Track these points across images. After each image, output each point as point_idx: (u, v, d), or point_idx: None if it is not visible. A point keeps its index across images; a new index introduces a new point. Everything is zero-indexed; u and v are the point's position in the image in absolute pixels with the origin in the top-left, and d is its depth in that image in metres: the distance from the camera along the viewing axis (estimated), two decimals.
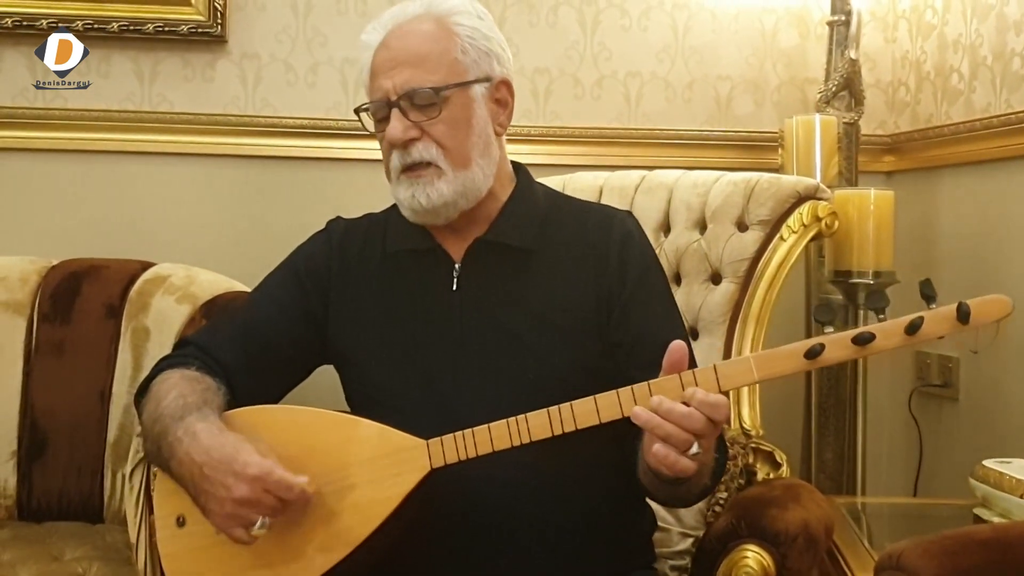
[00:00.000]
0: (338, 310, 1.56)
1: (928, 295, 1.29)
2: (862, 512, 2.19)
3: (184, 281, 2.22)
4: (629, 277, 1.51)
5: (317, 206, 1.65)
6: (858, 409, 2.43)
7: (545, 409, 1.32)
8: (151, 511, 1.77)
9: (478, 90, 1.49)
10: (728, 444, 1.76)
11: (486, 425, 1.33)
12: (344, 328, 1.55)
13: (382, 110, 1.48)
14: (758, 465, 1.92)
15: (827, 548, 1.72)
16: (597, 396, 1.30)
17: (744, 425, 1.96)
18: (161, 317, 2.16)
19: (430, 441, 1.35)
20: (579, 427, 1.31)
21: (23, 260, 2.30)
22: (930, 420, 2.57)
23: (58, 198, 2.54)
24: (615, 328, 1.50)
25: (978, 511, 1.92)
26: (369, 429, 1.38)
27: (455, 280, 1.51)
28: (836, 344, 1.28)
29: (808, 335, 2.55)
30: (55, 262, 2.31)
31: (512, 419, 1.32)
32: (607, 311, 1.50)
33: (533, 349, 1.47)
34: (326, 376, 1.63)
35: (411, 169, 1.46)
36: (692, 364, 1.52)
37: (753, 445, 1.93)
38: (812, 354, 1.27)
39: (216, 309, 2.12)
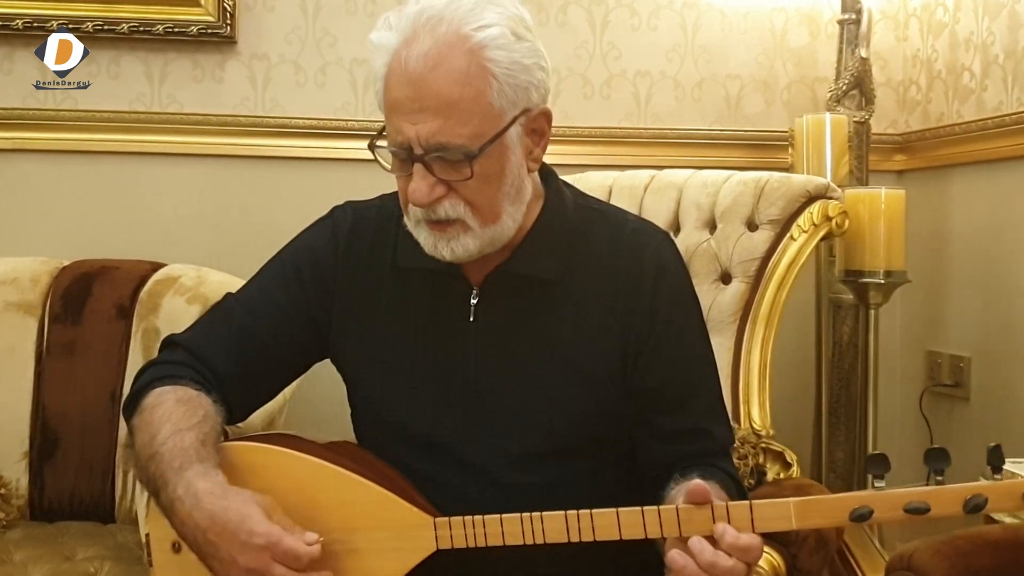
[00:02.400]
0: (342, 315, 1.43)
1: (994, 465, 1.17)
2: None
3: (194, 282, 2.22)
4: (660, 318, 1.37)
5: (327, 206, 1.62)
6: (869, 409, 2.42)
7: (563, 513, 1.23)
8: None
9: (513, 132, 1.29)
10: (739, 443, 1.75)
11: (499, 516, 1.25)
12: (347, 336, 1.44)
13: (401, 153, 1.27)
14: (768, 465, 1.92)
15: (838, 548, 1.71)
16: (620, 511, 1.22)
17: (754, 425, 1.96)
18: (172, 318, 2.16)
19: (438, 520, 1.27)
20: (597, 539, 1.23)
21: (34, 261, 2.31)
22: (941, 420, 2.56)
23: (69, 199, 2.55)
24: (642, 374, 1.37)
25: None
26: (376, 496, 1.30)
27: (472, 310, 1.37)
28: (886, 507, 1.16)
29: (818, 336, 2.54)
30: (66, 263, 2.31)
31: (527, 516, 1.24)
32: (633, 356, 1.37)
33: (551, 394, 1.36)
34: (326, 376, 1.56)
35: (433, 224, 1.29)
36: (716, 391, 1.44)
37: (763, 445, 1.93)
38: (859, 517, 1.16)
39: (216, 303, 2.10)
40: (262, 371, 1.45)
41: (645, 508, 1.21)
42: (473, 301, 1.37)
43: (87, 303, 2.22)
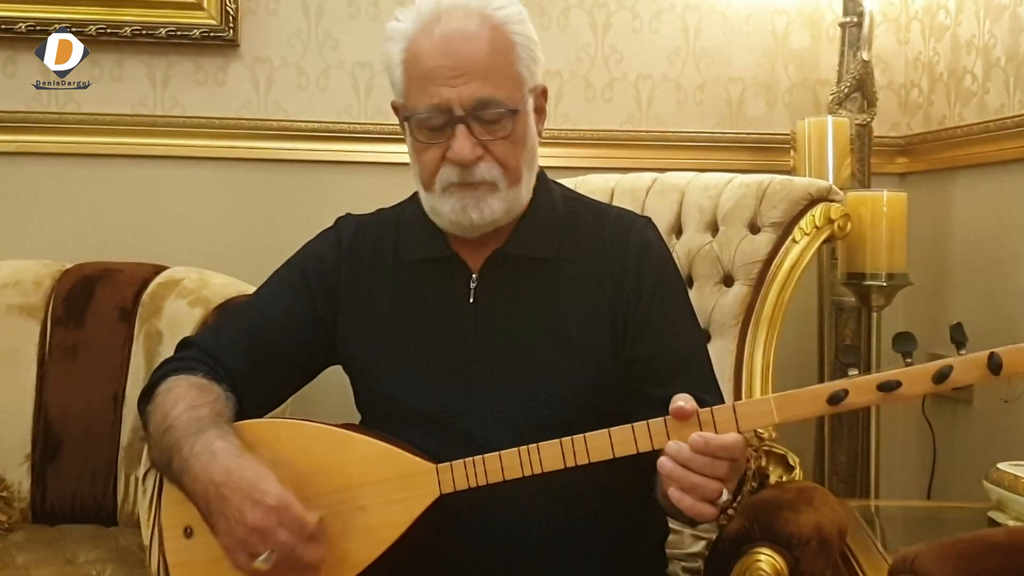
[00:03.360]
0: (347, 316, 1.51)
1: (958, 340, 1.24)
2: (876, 515, 2.18)
3: (197, 284, 2.23)
4: (645, 290, 1.46)
5: (329, 209, 1.63)
6: (872, 412, 2.42)
7: (558, 440, 1.29)
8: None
9: (530, 102, 1.43)
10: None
11: (497, 453, 1.31)
12: (353, 335, 1.51)
13: (438, 118, 1.37)
14: (771, 468, 1.91)
15: (840, 551, 1.71)
16: (611, 430, 1.28)
17: (757, 428, 1.95)
18: (174, 320, 2.17)
19: (440, 466, 1.33)
20: (592, 460, 1.28)
21: (37, 264, 2.31)
22: (944, 423, 2.56)
23: (71, 202, 2.55)
24: (631, 344, 1.46)
25: (992, 514, 1.91)
26: (378, 449, 1.36)
27: (472, 292, 1.46)
28: (860, 389, 1.24)
29: (820, 339, 2.55)
30: (68, 266, 2.32)
31: (524, 448, 1.30)
32: (623, 326, 1.46)
33: (548, 366, 1.43)
34: (334, 378, 1.61)
35: (467, 186, 1.39)
36: (710, 375, 1.51)
37: (766, 448, 1.93)
38: (835, 399, 1.24)
39: (228, 308, 2.12)
40: (272, 369, 1.51)
41: (635, 424, 1.27)
42: (473, 284, 1.46)
43: (89, 306, 2.23)
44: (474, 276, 1.47)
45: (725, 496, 1.22)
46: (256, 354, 1.50)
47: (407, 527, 1.33)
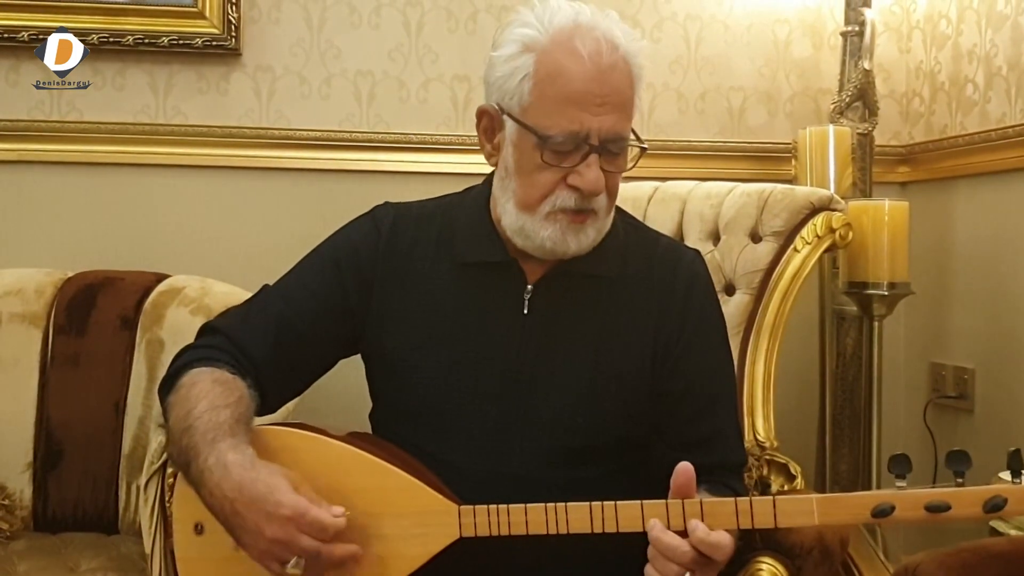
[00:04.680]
0: (381, 311, 1.47)
1: (1015, 468, 1.20)
2: (877, 524, 2.17)
3: (198, 293, 2.23)
4: (688, 324, 1.45)
5: (331, 218, 1.63)
6: (873, 421, 2.42)
7: (587, 504, 1.26)
8: (166, 522, 1.78)
9: None
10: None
11: (523, 506, 1.28)
12: (386, 329, 1.46)
13: (570, 143, 1.33)
14: (772, 477, 1.91)
15: (842, 560, 1.71)
16: (645, 503, 1.25)
17: (758, 437, 1.95)
18: (176, 329, 2.17)
19: (462, 508, 1.30)
20: (620, 531, 1.25)
21: (39, 272, 2.31)
22: (945, 432, 2.55)
23: (73, 210, 2.55)
24: (667, 377, 1.44)
25: (995, 524, 1.90)
26: (402, 482, 1.33)
27: (526, 303, 1.43)
28: (907, 506, 1.19)
29: (822, 347, 2.54)
30: (71, 274, 2.32)
31: (551, 505, 1.27)
32: (662, 359, 1.44)
33: (586, 392, 1.41)
34: (345, 375, 1.58)
35: (578, 213, 1.36)
36: (733, 416, 1.51)
37: (767, 457, 1.92)
38: (880, 513, 1.19)
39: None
40: (297, 360, 1.48)
41: (669, 501, 1.24)
42: (528, 295, 1.43)
43: (91, 314, 2.23)
44: (529, 287, 1.44)
45: None
46: (283, 346, 1.46)
47: (421, 564, 1.31)
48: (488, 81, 1.40)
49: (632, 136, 1.37)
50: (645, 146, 1.38)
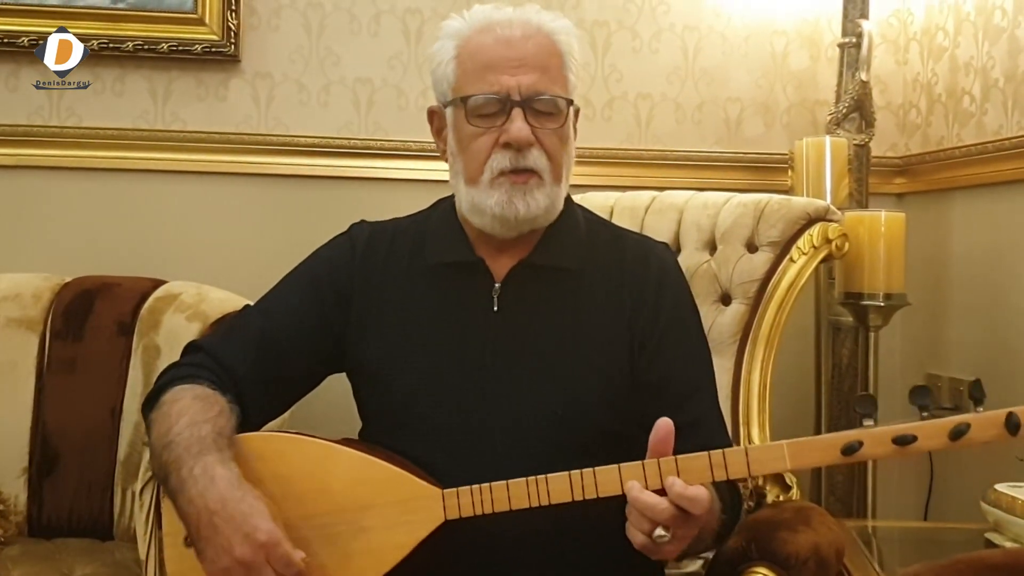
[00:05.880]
0: (360, 323, 1.50)
1: (976, 397, 1.22)
2: (873, 535, 2.18)
3: (195, 299, 2.23)
4: (663, 315, 1.48)
5: (329, 224, 1.63)
6: None
7: (567, 473, 1.29)
8: (161, 529, 1.77)
9: (571, 112, 1.48)
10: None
11: (505, 482, 1.30)
12: (366, 342, 1.50)
13: (494, 105, 1.41)
14: (768, 487, 1.91)
15: (838, 572, 1.71)
16: (622, 466, 1.27)
17: None
18: (172, 335, 2.17)
19: (446, 492, 1.32)
20: (600, 495, 1.28)
21: (36, 277, 2.31)
22: None
23: (71, 215, 2.55)
24: (645, 367, 1.47)
25: (990, 536, 1.90)
26: (385, 472, 1.35)
27: (495, 300, 1.47)
28: (875, 441, 1.22)
29: (818, 358, 2.55)
30: (68, 279, 2.32)
31: (532, 479, 1.29)
32: (639, 349, 1.47)
33: (564, 382, 1.44)
34: (332, 390, 1.60)
35: (518, 174, 1.42)
36: (714, 405, 1.52)
37: None
38: (849, 450, 1.22)
39: (237, 312, 2.11)
40: (279, 375, 1.50)
41: (645, 462, 1.26)
42: (496, 292, 1.46)
43: (88, 319, 2.23)
44: (497, 284, 1.47)
45: (659, 532, 1.22)
46: (264, 361, 1.49)
47: (409, 551, 1.32)
48: (432, 84, 1.51)
49: (560, 94, 1.43)
50: (570, 98, 1.44)
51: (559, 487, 1.29)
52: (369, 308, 1.50)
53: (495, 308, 1.46)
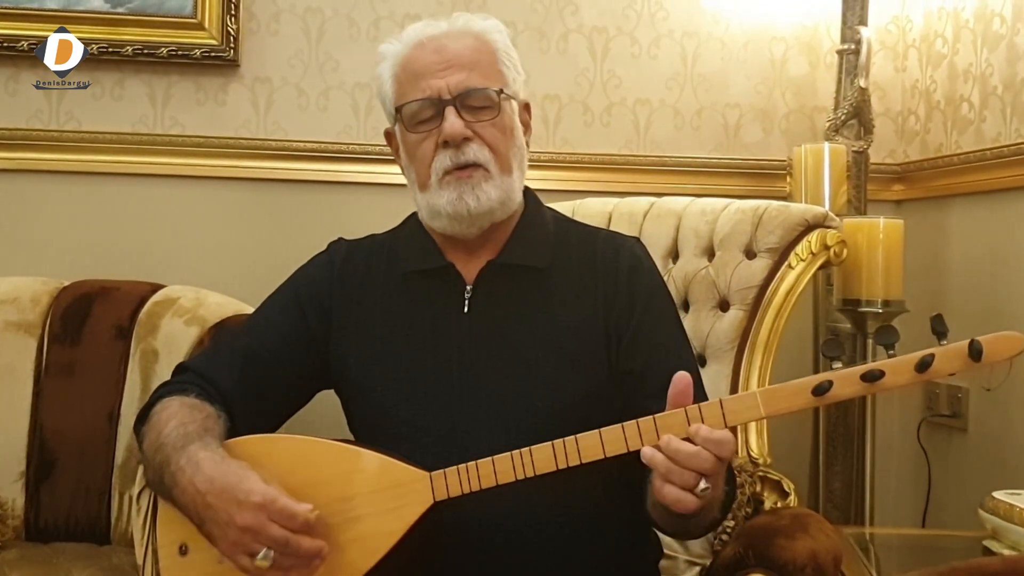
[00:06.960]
0: (341, 334, 1.54)
1: (939, 331, 1.26)
2: (870, 543, 2.18)
3: (193, 303, 2.23)
4: (638, 305, 1.50)
5: (327, 230, 1.65)
6: (867, 438, 2.42)
7: (550, 442, 1.30)
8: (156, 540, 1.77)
9: (514, 104, 1.52)
10: (736, 472, 1.76)
11: (490, 458, 1.32)
12: (348, 353, 1.53)
13: (429, 109, 1.46)
14: (766, 494, 1.91)
15: None
16: (602, 430, 1.29)
17: (752, 453, 1.96)
18: (170, 339, 2.17)
19: (433, 474, 1.34)
20: (584, 461, 1.29)
21: (35, 281, 2.31)
22: (939, 451, 2.56)
23: (70, 219, 2.55)
24: (624, 357, 1.49)
25: (988, 543, 1.90)
26: (372, 460, 1.37)
27: (466, 302, 1.50)
28: (844, 380, 1.25)
29: (816, 364, 2.55)
30: (66, 283, 2.32)
31: (516, 452, 1.31)
32: (616, 339, 1.49)
33: (543, 377, 1.46)
34: (327, 401, 1.61)
35: (461, 169, 1.45)
36: (700, 392, 1.52)
37: (761, 474, 1.93)
38: (820, 391, 1.25)
39: (223, 332, 2.12)
40: (266, 392, 1.53)
41: (625, 424, 1.28)
42: (467, 295, 1.49)
43: (86, 323, 2.23)
44: (468, 287, 1.51)
45: (703, 485, 1.22)
46: (250, 377, 1.52)
47: (401, 536, 1.33)
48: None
49: (492, 87, 1.47)
50: (499, 89, 1.47)
51: (543, 457, 1.30)
52: (349, 321, 1.54)
53: (465, 310, 1.50)
